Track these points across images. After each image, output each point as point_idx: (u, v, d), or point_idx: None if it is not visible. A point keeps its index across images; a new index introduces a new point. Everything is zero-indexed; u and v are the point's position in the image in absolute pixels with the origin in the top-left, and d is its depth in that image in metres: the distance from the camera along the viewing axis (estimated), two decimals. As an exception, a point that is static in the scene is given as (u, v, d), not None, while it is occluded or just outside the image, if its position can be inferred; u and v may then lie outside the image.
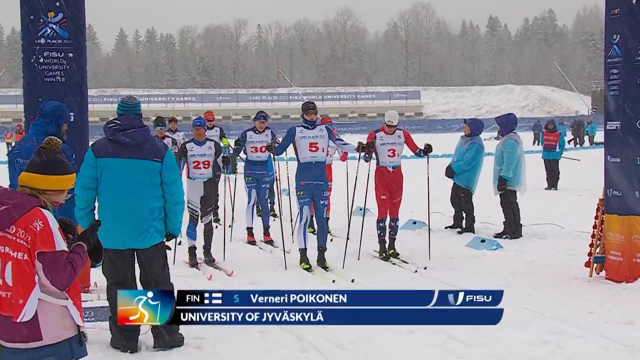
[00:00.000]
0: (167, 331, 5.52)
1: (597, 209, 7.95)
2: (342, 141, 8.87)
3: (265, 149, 10.45)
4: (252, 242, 10.30)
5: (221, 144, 10.99)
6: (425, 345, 5.63)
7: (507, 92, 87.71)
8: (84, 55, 6.93)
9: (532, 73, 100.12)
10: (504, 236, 10.31)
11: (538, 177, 16.32)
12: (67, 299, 3.53)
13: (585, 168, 19.40)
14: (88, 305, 5.89)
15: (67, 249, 3.52)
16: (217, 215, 12.01)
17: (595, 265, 7.86)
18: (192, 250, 8.96)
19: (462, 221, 11.02)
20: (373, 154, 9.02)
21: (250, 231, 10.41)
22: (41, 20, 6.66)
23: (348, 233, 9.04)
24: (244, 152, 10.55)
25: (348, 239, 8.91)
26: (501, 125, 10.89)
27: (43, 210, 3.49)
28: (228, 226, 10.17)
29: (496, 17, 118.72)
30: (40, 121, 6.05)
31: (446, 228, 11.18)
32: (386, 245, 9.17)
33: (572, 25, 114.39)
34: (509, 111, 17.14)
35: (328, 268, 8.37)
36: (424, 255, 9.04)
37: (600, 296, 7.04)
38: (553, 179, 17.00)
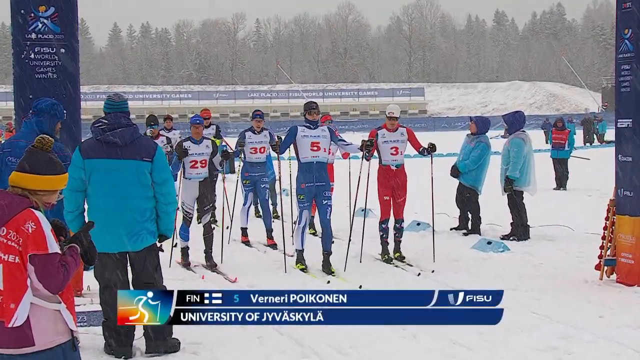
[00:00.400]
0: (160, 335, 5.51)
1: (608, 210, 7.96)
2: (345, 142, 8.87)
3: (263, 150, 10.50)
4: (247, 243, 10.42)
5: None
6: (427, 350, 5.64)
7: (515, 89, 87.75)
8: (77, 50, 6.94)
9: (540, 69, 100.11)
10: (511, 238, 10.32)
11: (546, 177, 16.31)
12: (60, 303, 3.53)
13: (595, 167, 19.38)
14: (81, 309, 5.89)
15: (60, 252, 3.53)
16: (215, 216, 12.00)
17: (605, 268, 7.86)
18: (185, 250, 8.99)
19: (468, 222, 11.01)
20: (374, 153, 9.02)
21: (244, 231, 10.52)
22: (32, 14, 6.68)
23: (350, 235, 9.04)
24: (242, 153, 10.56)
25: (350, 241, 8.91)
26: (508, 123, 10.88)
27: (35, 211, 3.49)
28: (226, 228, 10.17)
29: (503, 12, 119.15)
30: (34, 119, 6.01)
31: (451, 229, 11.17)
32: (388, 247, 9.17)
33: (582, 19, 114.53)
34: (516, 108, 17.15)
35: (334, 273, 8.37)
36: (428, 257, 9.04)
37: (611, 300, 7.04)
38: (562, 179, 17.00)
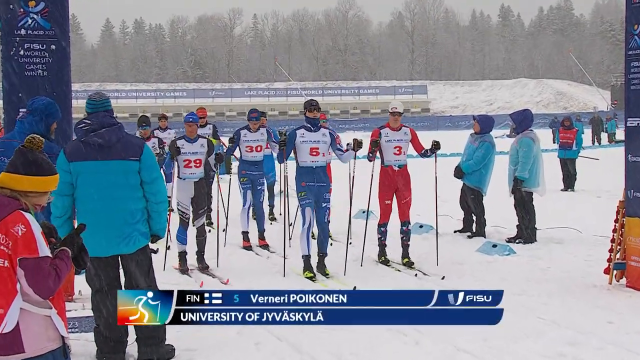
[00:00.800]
0: (153, 341, 5.50)
1: (617, 212, 7.96)
2: (342, 152, 8.69)
3: (260, 148, 10.50)
4: (248, 248, 10.26)
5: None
6: (430, 355, 5.64)
7: (521, 87, 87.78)
8: (68, 47, 6.94)
9: (547, 66, 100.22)
10: (518, 241, 10.32)
11: (554, 178, 16.32)
12: (51, 309, 3.53)
13: (604, 168, 19.42)
14: (72, 315, 5.88)
15: (51, 255, 3.52)
16: (210, 218, 12.02)
17: (615, 272, 7.86)
18: (183, 255, 8.93)
19: (472, 225, 11.02)
20: (377, 153, 9.01)
21: (245, 236, 10.38)
22: (21, 9, 6.68)
23: (349, 237, 9.03)
24: (239, 152, 10.56)
25: (349, 244, 8.89)
26: (516, 122, 10.87)
27: (24, 213, 3.48)
28: (222, 230, 10.15)
29: (508, 7, 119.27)
30: (28, 118, 5.98)
31: (455, 232, 11.18)
32: (386, 249, 9.17)
33: (590, 14, 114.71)
34: (523, 107, 17.15)
35: (328, 275, 8.37)
36: (432, 261, 9.04)
37: (620, 305, 7.05)
38: (570, 180, 17.00)
